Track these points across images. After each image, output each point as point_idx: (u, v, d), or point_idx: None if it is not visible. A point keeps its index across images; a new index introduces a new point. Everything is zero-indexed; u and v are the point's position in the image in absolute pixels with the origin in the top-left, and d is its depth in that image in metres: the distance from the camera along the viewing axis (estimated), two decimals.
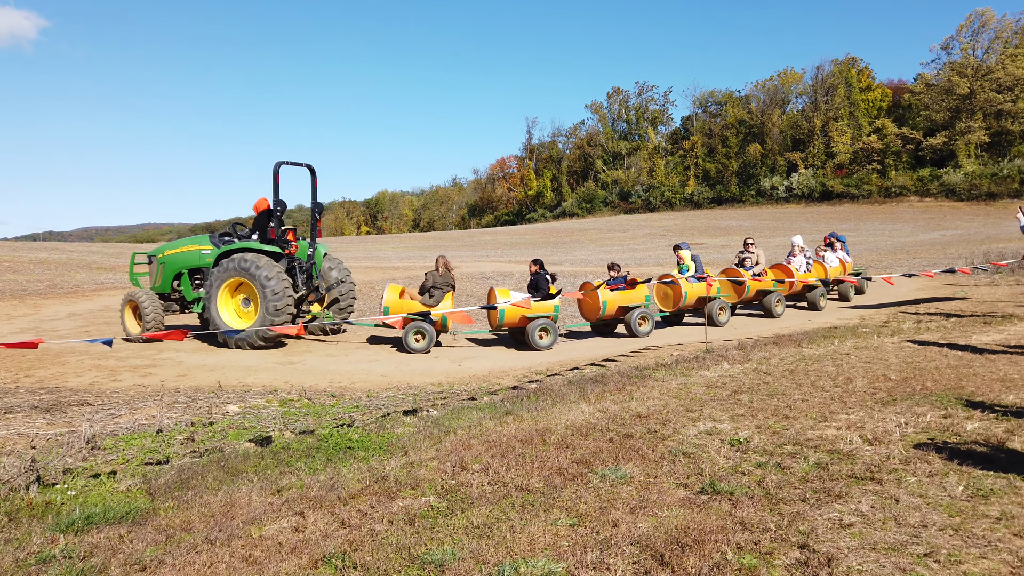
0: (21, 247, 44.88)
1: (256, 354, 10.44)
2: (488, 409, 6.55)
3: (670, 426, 5.66)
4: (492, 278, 23.09)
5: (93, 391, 7.86)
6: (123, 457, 5.41)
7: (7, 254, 33.02)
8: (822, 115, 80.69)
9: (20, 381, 8.48)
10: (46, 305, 16.91)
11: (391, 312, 11.09)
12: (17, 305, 16.73)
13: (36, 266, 28.04)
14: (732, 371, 7.93)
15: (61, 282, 22.33)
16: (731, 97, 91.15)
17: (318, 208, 12.10)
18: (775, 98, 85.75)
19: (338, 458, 5.18)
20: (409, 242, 69.62)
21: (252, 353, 10.50)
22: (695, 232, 57.76)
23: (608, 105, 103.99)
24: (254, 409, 7.01)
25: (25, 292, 19.20)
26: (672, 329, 13.00)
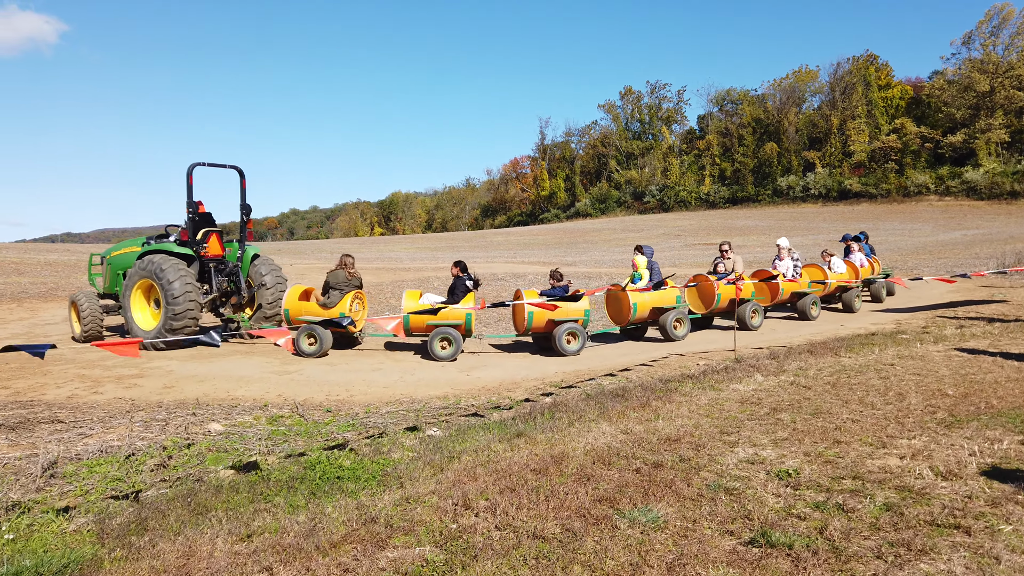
0: (32, 248, 44.73)
1: (251, 363, 9.79)
2: (497, 429, 5.84)
3: (705, 452, 4.93)
4: (504, 279, 22.38)
5: (69, 405, 7.22)
6: (82, 488, 4.75)
7: (16, 256, 32.71)
8: (839, 113, 79.43)
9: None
10: (44, 308, 16.36)
11: (291, 315, 10.79)
12: (15, 308, 16.21)
13: (43, 268, 27.64)
14: (767, 384, 7.18)
15: (65, 284, 21.84)
16: (747, 96, 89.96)
17: (246, 210, 11.83)
18: (791, 96, 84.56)
19: (324, 491, 4.49)
20: (422, 243, 69.06)
21: (247, 362, 9.86)
22: (710, 232, 56.83)
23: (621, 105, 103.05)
24: (239, 428, 6.33)
25: (26, 295, 18.70)
26: (699, 334, 12.21)
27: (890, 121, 77.83)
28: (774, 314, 14.13)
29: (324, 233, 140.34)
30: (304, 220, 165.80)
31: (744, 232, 53.97)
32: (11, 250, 39.31)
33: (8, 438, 5.93)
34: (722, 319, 13.46)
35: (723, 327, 12.84)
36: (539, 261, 35.54)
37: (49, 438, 5.94)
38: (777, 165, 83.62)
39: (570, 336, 10.66)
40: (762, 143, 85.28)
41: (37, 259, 31.62)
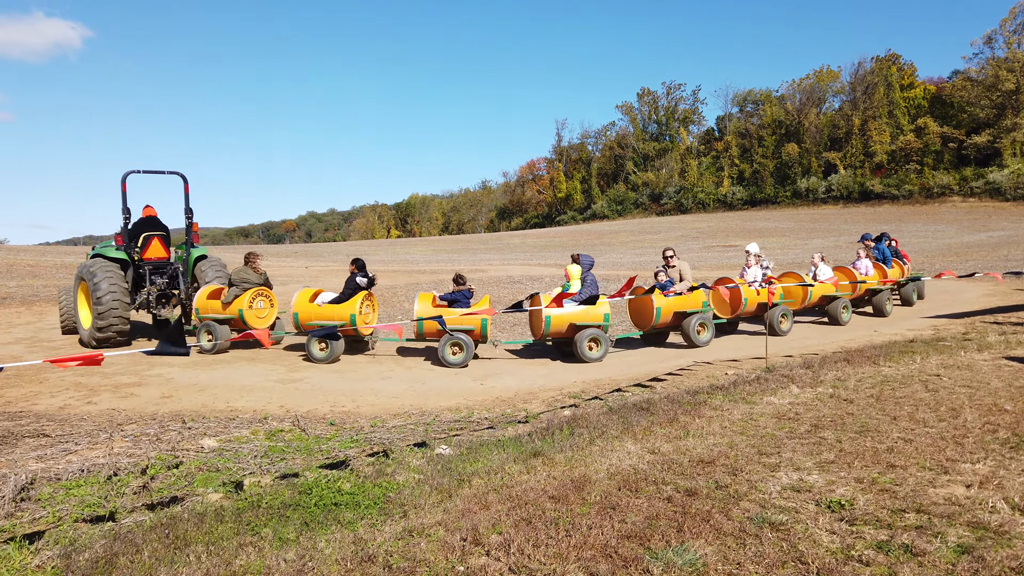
0: (51, 251, 44.85)
1: (255, 370, 9.37)
2: (512, 447, 5.34)
3: (743, 478, 4.40)
4: (521, 282, 21.88)
5: (58, 417, 6.81)
6: (54, 514, 4.31)
7: (33, 259, 32.69)
8: (860, 114, 78.22)
9: None
10: (52, 312, 16.07)
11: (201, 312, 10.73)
12: (23, 312, 15.94)
13: (58, 270, 27.52)
14: (804, 397, 6.63)
15: None
16: (767, 96, 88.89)
17: (189, 214, 12.31)
18: (812, 97, 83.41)
19: (318, 521, 4.01)
20: (438, 245, 68.76)
21: (251, 369, 9.45)
22: (729, 234, 56.03)
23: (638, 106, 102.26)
24: (234, 443, 5.88)
25: (36, 298, 18.46)
26: (724, 340, 11.63)
27: (912, 121, 76.53)
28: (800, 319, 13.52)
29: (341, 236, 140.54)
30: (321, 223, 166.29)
31: (764, 234, 53.13)
32: (30, 252, 39.39)
33: None
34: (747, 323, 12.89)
35: (749, 332, 12.27)
36: (556, 263, 35.02)
37: (31, 454, 5.53)
38: (797, 166, 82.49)
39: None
40: (782, 144, 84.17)
41: (53, 261, 31.57)
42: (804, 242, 42.77)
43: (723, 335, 12.08)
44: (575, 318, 10.28)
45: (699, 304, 11.19)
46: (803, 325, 12.87)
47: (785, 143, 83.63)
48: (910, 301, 14.93)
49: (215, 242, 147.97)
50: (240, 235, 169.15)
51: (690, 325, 10.99)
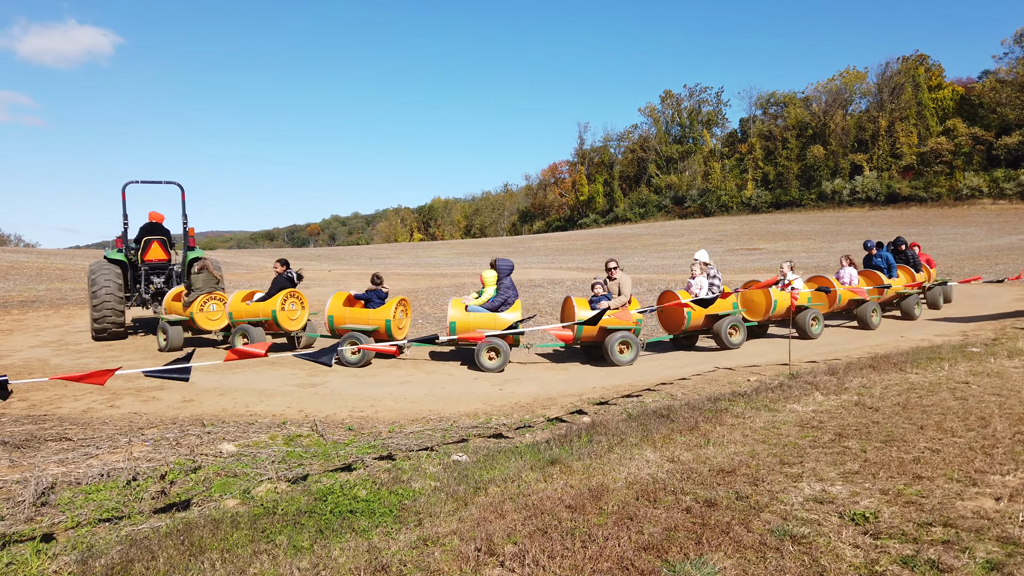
0: (80, 254, 45.60)
1: (275, 375, 9.41)
2: (529, 454, 5.29)
3: (764, 488, 4.31)
4: (542, 285, 21.83)
5: (81, 421, 6.88)
6: (73, 519, 4.33)
7: (62, 262, 33.23)
8: (887, 115, 77.22)
9: (11, 406, 7.59)
10: (80, 315, 16.31)
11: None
12: (51, 315, 16.19)
13: (86, 274, 27.95)
14: (828, 405, 6.50)
15: None
16: (792, 98, 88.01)
17: (185, 219, 13.52)
18: (838, 99, 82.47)
19: (333, 529, 3.99)
20: (460, 248, 68.92)
21: (271, 373, 9.50)
22: (753, 237, 55.55)
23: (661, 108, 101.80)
24: (252, 448, 5.89)
25: (64, 301, 18.75)
26: (748, 345, 11.48)
27: (941, 122, 75.39)
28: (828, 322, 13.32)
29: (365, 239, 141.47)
30: (345, 226, 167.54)
31: (788, 237, 52.60)
32: (59, 256, 40.10)
33: (11, 458, 5.58)
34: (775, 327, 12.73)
35: (777, 335, 12.11)
36: (578, 267, 34.92)
37: (52, 458, 5.58)
38: (823, 168, 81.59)
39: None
40: (807, 146, 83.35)
41: (82, 265, 32.06)
42: (830, 245, 42.26)
43: (751, 339, 11.97)
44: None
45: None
46: (830, 329, 12.67)
47: (810, 145, 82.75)
48: (936, 305, 14.68)
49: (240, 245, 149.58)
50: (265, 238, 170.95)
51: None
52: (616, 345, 10.03)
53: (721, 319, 11.03)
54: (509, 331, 9.32)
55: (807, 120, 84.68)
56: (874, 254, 13.93)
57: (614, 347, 10.01)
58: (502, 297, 10.31)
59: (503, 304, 10.29)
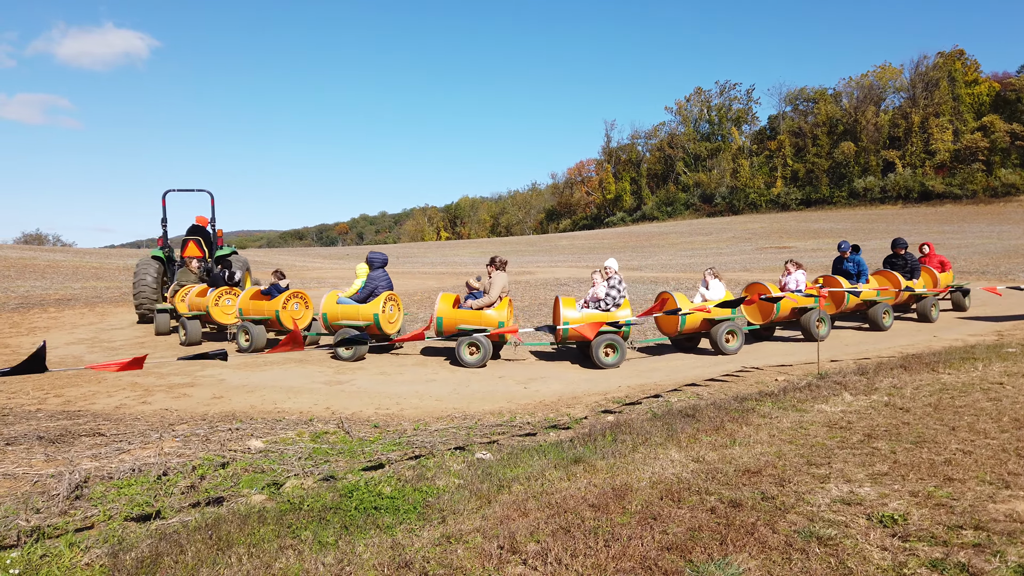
0: (115, 254, 46.50)
1: (303, 372, 9.53)
2: (553, 453, 5.29)
3: (791, 489, 4.26)
4: (567, 284, 21.79)
5: (114, 417, 7.03)
6: (105, 513, 4.42)
7: (97, 261, 33.89)
8: (921, 111, 75.75)
9: (46, 402, 7.77)
10: (114, 313, 16.63)
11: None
12: (86, 313, 16.53)
13: (120, 272, 28.48)
14: (857, 405, 6.41)
15: None
16: (823, 94, 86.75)
17: (214, 223, 15.51)
18: (870, 94, 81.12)
19: (358, 525, 4.03)
20: (486, 247, 69.02)
21: (299, 371, 9.62)
22: (783, 235, 54.89)
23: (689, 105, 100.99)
24: (280, 445, 5.97)
25: (99, 300, 19.13)
26: (775, 345, 11.35)
27: (977, 118, 73.81)
28: (848, 324, 13.11)
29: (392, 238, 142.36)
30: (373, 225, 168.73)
31: (818, 235, 51.88)
32: (95, 255, 40.91)
33: (46, 452, 5.71)
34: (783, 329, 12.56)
35: (787, 338, 11.95)
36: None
37: (86, 453, 5.70)
38: (854, 165, 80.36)
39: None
40: (838, 143, 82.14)
41: (116, 264, 32.71)
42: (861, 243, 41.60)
43: (758, 341, 11.82)
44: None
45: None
46: (860, 330, 12.48)
47: (841, 142, 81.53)
48: (961, 306, 14.09)
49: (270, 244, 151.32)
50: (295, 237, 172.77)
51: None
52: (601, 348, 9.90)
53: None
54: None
55: (838, 116, 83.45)
56: (846, 257, 12.86)
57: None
58: (368, 288, 10.81)
59: (370, 295, 10.76)
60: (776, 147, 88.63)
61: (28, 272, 26.04)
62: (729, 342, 10.74)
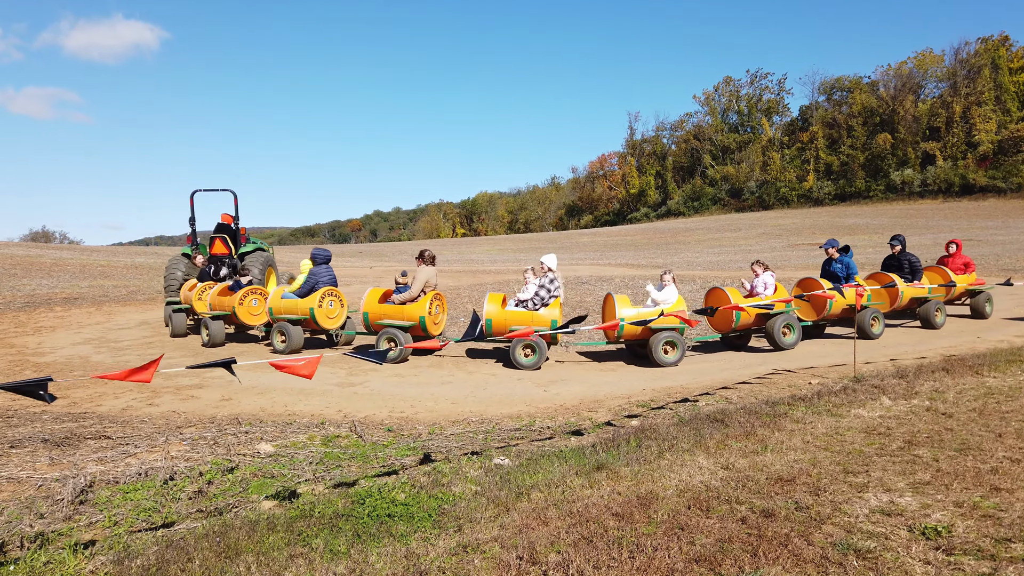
0: (123, 252, 47.08)
1: (315, 375, 9.54)
2: (574, 459, 5.25)
3: (826, 498, 4.20)
4: (589, 283, 21.72)
5: (120, 419, 7.08)
6: (111, 518, 4.45)
7: (104, 259, 34.30)
8: (963, 100, 74.69)
9: (52, 404, 7.85)
10: (121, 312, 16.82)
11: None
12: (93, 312, 16.72)
13: (128, 271, 28.81)
14: (897, 410, 6.31)
15: (146, 288, 22.57)
16: (858, 83, 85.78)
17: (236, 220, 16.55)
18: (908, 83, 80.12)
19: (370, 533, 4.01)
20: (504, 244, 69.09)
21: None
22: (815, 231, 54.39)
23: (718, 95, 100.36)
24: (290, 449, 5.98)
25: (107, 299, 19.34)
26: (808, 345, 11.22)
27: (1022, 107, 72.66)
28: (892, 321, 12.94)
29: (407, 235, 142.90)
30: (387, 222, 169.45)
31: (853, 231, 51.36)
32: (103, 253, 41.43)
33: (51, 456, 5.76)
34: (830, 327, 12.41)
35: (838, 336, 11.81)
36: (627, 263, 34.67)
37: (91, 456, 5.74)
38: (891, 157, 79.43)
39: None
40: (874, 134, 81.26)
41: (124, 262, 33.09)
42: None
43: (807, 338, 11.71)
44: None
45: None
46: (900, 330, 12.31)
47: (877, 133, 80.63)
48: (981, 312, 13.17)
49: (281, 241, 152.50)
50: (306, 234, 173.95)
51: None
52: (660, 345, 10.02)
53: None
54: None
55: (874, 106, 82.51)
56: (834, 258, 12.19)
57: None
58: (309, 283, 11.45)
59: (311, 290, 11.38)
60: (808, 139, 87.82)
61: (34, 270, 26.41)
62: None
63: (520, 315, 10.24)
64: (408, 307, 10.81)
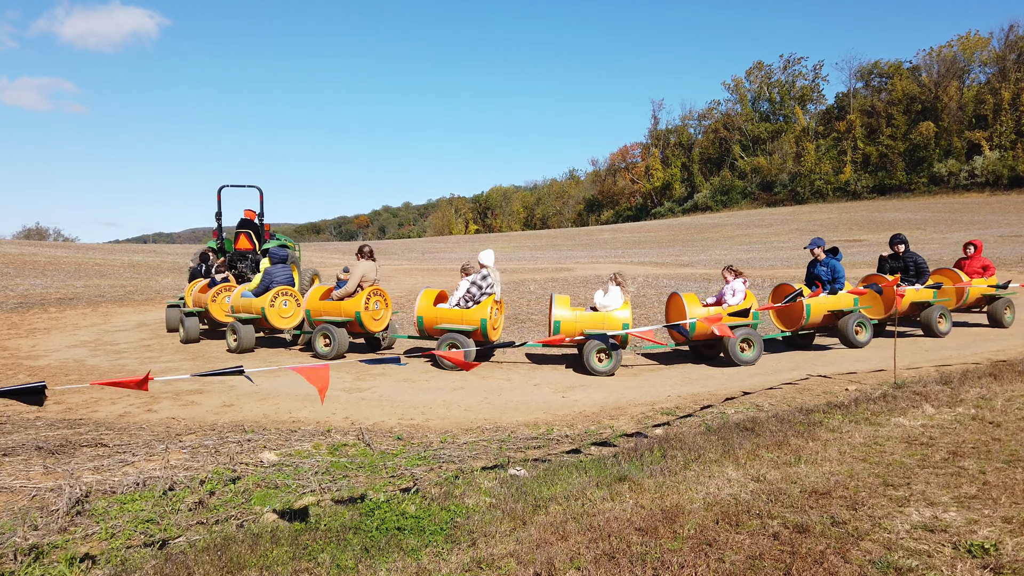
0: (120, 249, 47.55)
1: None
2: (595, 470, 5.25)
3: (865, 513, 4.17)
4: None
5: (117, 426, 7.16)
6: (107, 530, 4.50)
7: (101, 257, 34.64)
8: (1012, 86, 73.83)
9: (46, 409, 7.94)
10: (119, 313, 16.98)
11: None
12: (88, 313, 16.90)
13: (125, 270, 29.08)
14: (940, 418, 6.25)
15: (143, 287, 22.78)
16: (899, 68, 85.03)
17: (261, 216, 17.56)
18: (952, 68, 79.34)
19: (379, 548, 4.03)
20: (520, 241, 69.13)
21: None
22: (852, 227, 54.01)
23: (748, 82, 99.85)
24: (295, 458, 6.02)
25: (102, 299, 19.55)
26: (838, 351, 11.18)
27: None
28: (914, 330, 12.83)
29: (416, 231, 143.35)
30: (396, 218, 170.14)
31: (893, 227, 50.93)
32: (98, 251, 41.84)
33: (45, 464, 5.83)
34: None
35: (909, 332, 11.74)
36: (651, 261, 34.59)
37: (87, 465, 5.81)
38: (934, 148, 78.67)
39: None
40: (916, 123, 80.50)
41: (121, 260, 33.41)
42: (943, 236, 40.75)
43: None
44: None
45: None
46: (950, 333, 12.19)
47: (919, 122, 79.88)
48: (999, 321, 12.56)
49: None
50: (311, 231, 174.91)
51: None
52: (737, 344, 10.32)
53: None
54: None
55: (916, 93, 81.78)
56: (820, 260, 11.80)
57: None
58: (264, 283, 12.25)
59: (265, 289, 12.16)
60: (845, 128, 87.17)
61: (28, 269, 26.73)
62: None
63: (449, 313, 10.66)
64: (345, 303, 11.30)
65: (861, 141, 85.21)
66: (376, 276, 11.69)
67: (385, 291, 11.91)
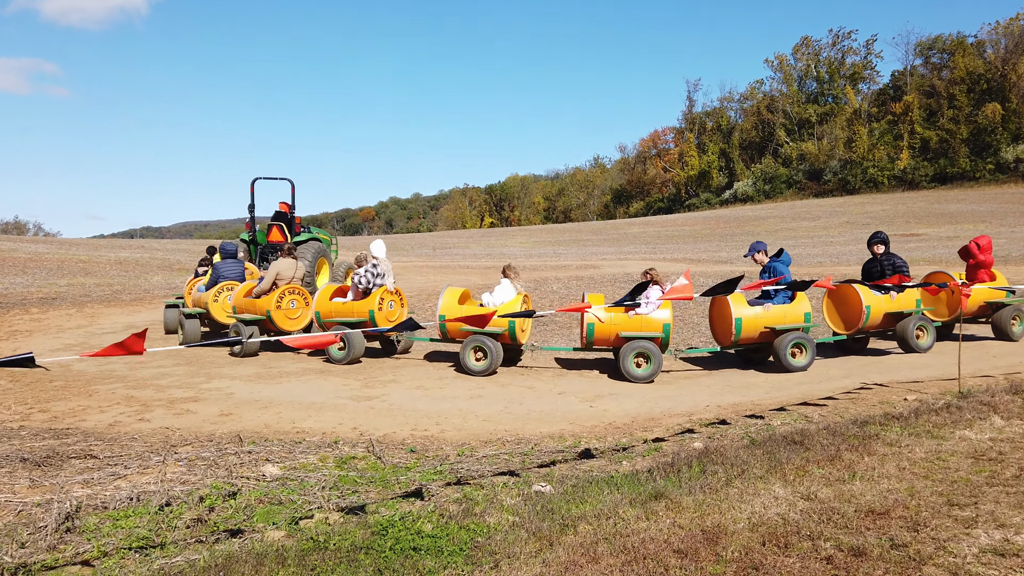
0: (105, 244, 48.10)
1: (326, 385, 9.69)
2: (627, 486, 5.27)
3: (927, 535, 4.16)
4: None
5: (107, 436, 7.26)
6: (100, 548, 4.57)
7: (85, 253, 35.07)
8: None
9: (31, 418, 8.07)
10: (105, 314, 17.20)
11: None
12: (73, 314, 17.12)
13: (112, 267, 29.43)
14: (1011, 432, 6.22)
15: (132, 286, 23.06)
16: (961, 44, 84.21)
17: (292, 209, 18.49)
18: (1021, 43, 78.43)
19: (393, 569, 4.07)
20: (539, 236, 69.17)
21: (321, 383, 9.79)
22: (910, 219, 53.58)
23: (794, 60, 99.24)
24: (299, 472, 6.08)
25: (88, 299, 19.80)
26: (896, 357, 11.12)
27: None
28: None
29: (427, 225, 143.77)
30: (404, 210, 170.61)
31: (955, 219, 50.52)
32: (83, 247, 42.37)
33: (31, 477, 5.93)
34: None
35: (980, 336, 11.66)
36: (684, 258, 34.53)
37: (76, 478, 5.90)
38: (1001, 131, 77.87)
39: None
40: (980, 104, 79.72)
41: (107, 257, 33.79)
42: (1011, 230, 40.33)
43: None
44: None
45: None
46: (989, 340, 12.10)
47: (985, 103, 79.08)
48: (1006, 332, 11.86)
49: None
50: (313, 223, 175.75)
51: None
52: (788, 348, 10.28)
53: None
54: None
55: (981, 71, 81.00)
56: (763, 264, 11.42)
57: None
58: (213, 277, 13.47)
59: (213, 283, 13.31)
60: (902, 110, 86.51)
61: (7, 266, 27.10)
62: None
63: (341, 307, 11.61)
64: (259, 300, 12.38)
65: (919, 125, 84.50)
66: (295, 274, 12.78)
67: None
